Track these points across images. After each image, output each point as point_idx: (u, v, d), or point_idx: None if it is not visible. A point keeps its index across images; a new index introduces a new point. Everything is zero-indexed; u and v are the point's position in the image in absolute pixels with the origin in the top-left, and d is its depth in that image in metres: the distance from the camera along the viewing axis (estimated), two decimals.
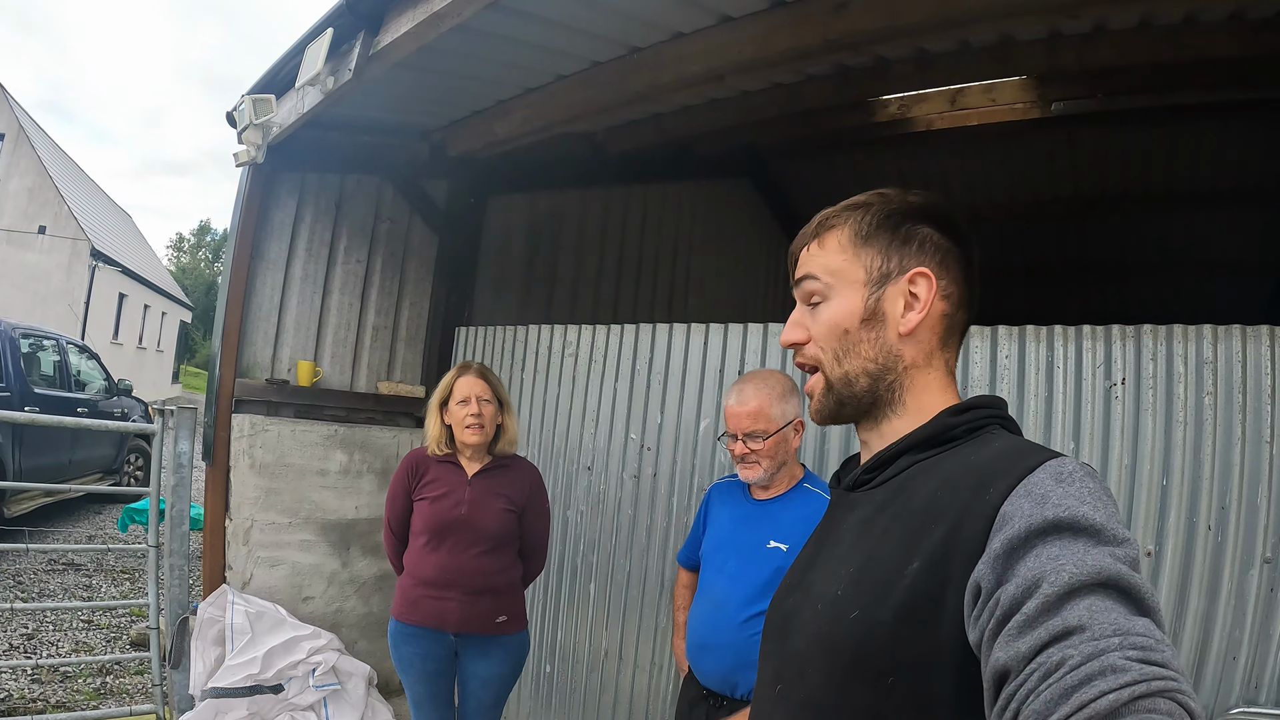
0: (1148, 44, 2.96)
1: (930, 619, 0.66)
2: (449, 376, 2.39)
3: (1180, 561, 1.99)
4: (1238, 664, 1.92)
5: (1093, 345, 2.15)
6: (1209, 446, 2.00)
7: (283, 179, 3.53)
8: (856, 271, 0.83)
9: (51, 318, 14.00)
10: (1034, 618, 0.54)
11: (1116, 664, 0.49)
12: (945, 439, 0.79)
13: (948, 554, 0.67)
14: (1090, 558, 0.57)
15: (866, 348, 0.82)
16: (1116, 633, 0.51)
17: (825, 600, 0.77)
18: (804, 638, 0.78)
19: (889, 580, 0.70)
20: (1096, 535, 0.59)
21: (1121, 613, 0.54)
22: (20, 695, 3.39)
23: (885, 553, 0.73)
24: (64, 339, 7.10)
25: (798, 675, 0.77)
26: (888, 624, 0.68)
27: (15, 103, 17.16)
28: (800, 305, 0.87)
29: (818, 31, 2.39)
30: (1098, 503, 0.62)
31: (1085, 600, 0.54)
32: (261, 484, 3.41)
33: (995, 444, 0.75)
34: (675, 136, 4.16)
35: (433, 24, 2.08)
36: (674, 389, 2.90)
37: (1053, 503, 0.62)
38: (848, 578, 0.75)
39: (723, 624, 1.81)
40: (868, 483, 0.84)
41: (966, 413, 0.81)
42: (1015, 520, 0.62)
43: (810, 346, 0.85)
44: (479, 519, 2.27)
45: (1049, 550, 0.58)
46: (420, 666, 2.29)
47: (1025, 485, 0.65)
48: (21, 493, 5.83)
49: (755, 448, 1.83)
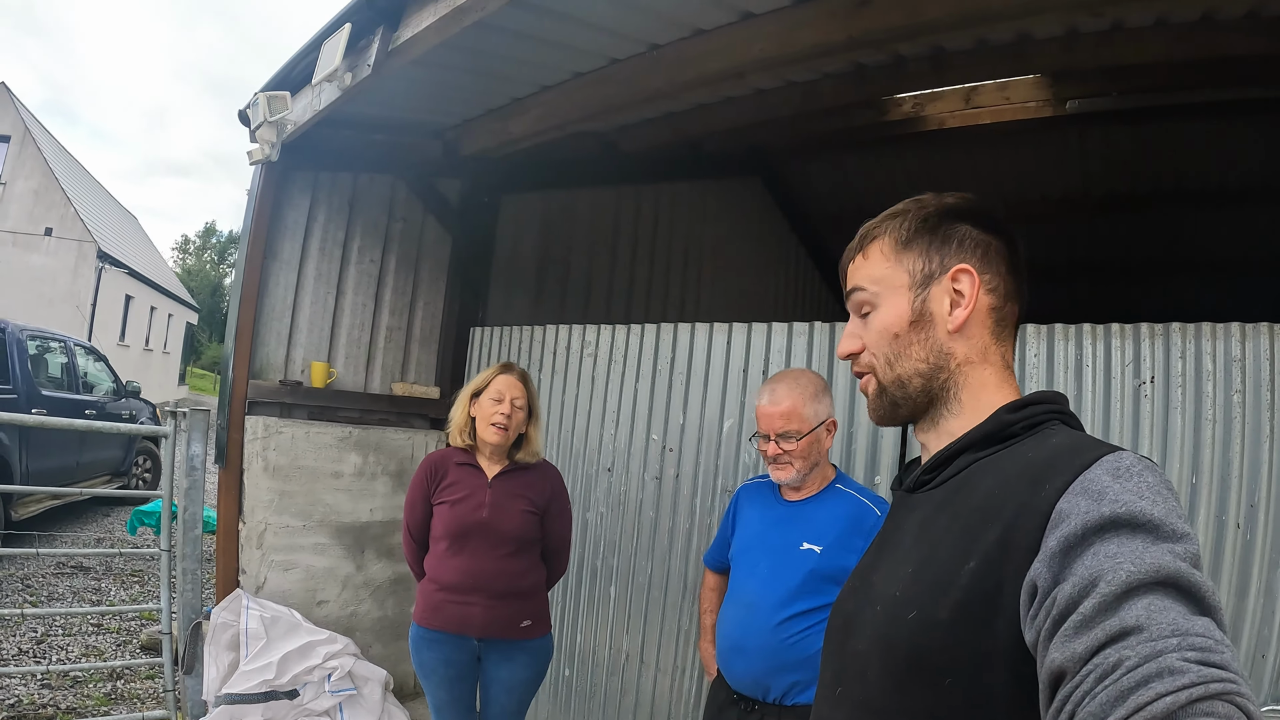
0: (1164, 42, 2.94)
1: (987, 618, 0.66)
2: (490, 371, 2.35)
3: (1210, 560, 1.99)
4: (1267, 661, 1.92)
5: (1121, 344, 2.14)
6: (1238, 444, 2.00)
7: (295, 178, 3.51)
8: (900, 276, 0.84)
9: (58, 320, 14.01)
10: (1091, 617, 0.54)
11: (1175, 665, 0.48)
12: (1004, 436, 0.79)
13: (1004, 552, 0.66)
14: (1149, 555, 0.56)
15: (918, 349, 0.83)
16: (1175, 633, 0.51)
17: (884, 601, 0.77)
18: (864, 639, 0.78)
19: (946, 580, 0.70)
20: (1155, 531, 0.58)
21: (1181, 612, 0.53)
22: (30, 701, 3.37)
23: (943, 552, 0.73)
24: (71, 341, 7.10)
25: (858, 676, 0.77)
26: (944, 624, 0.68)
27: (20, 104, 17.19)
28: (853, 317, 0.90)
29: (841, 28, 2.37)
30: (1157, 497, 0.61)
31: (1143, 599, 0.53)
32: (275, 487, 3.39)
33: (1054, 440, 0.75)
34: (689, 135, 4.14)
35: (455, 18, 2.06)
36: (696, 389, 2.87)
37: (1110, 498, 0.61)
38: (906, 578, 0.75)
39: (756, 627, 1.78)
40: (928, 483, 0.84)
41: (1025, 409, 0.80)
42: (1072, 517, 0.62)
43: (865, 354, 0.87)
44: (500, 521, 2.24)
45: (1106, 548, 0.58)
46: (443, 672, 2.25)
47: (1082, 481, 0.65)
48: (29, 496, 5.81)
49: (788, 448, 1.81)
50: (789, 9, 2.40)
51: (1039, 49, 3.13)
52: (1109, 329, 2.16)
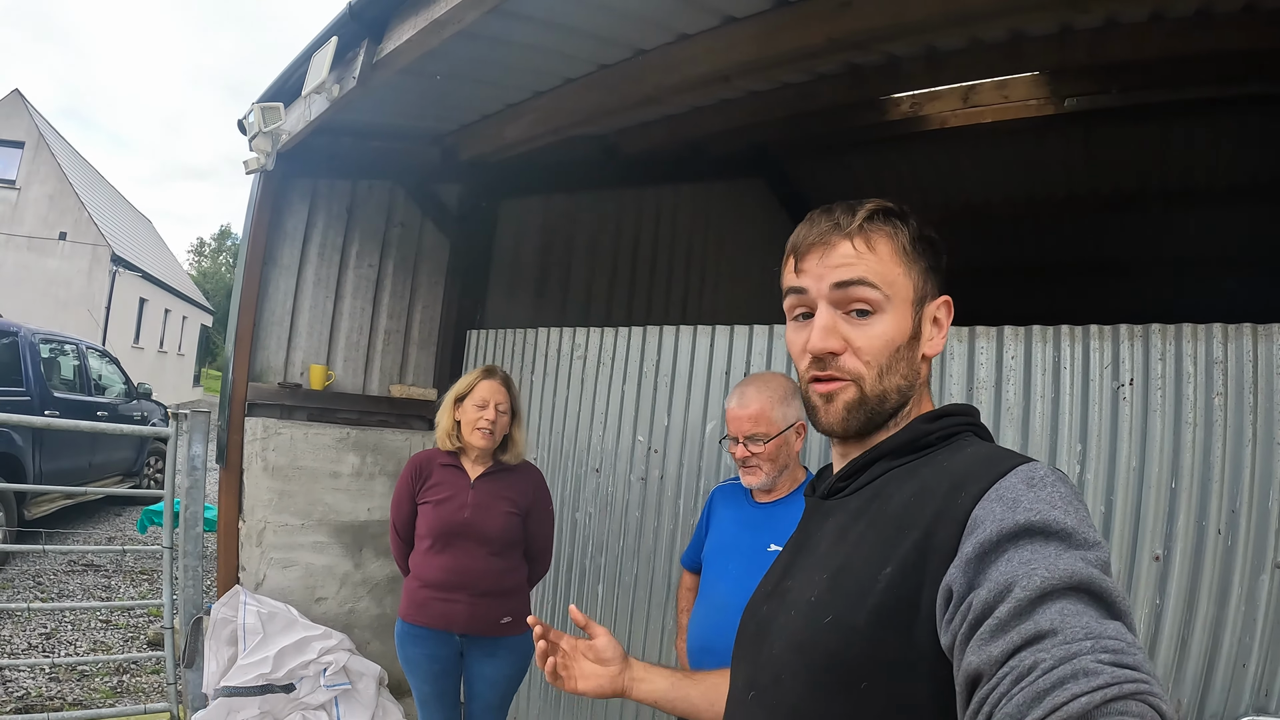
0: (1161, 38, 2.92)
1: (905, 623, 0.66)
2: (473, 376, 2.40)
3: (1189, 566, 1.95)
4: (1248, 671, 1.87)
5: (1100, 345, 2.12)
6: (1219, 448, 1.96)
7: (294, 185, 3.56)
8: (907, 289, 0.82)
9: (73, 323, 14.21)
10: (1006, 621, 0.55)
11: (1089, 667, 0.49)
12: (920, 445, 0.80)
13: (921, 559, 0.67)
14: (1062, 561, 0.57)
15: (904, 366, 0.82)
16: (1088, 636, 0.52)
17: (800, 606, 0.77)
18: (779, 643, 0.78)
19: (864, 586, 0.70)
20: (1068, 539, 0.60)
21: (1093, 616, 0.54)
22: (38, 693, 3.45)
23: (860, 558, 0.73)
24: (84, 344, 7.22)
25: (772, 681, 0.78)
26: (863, 629, 0.68)
27: (35, 110, 17.43)
28: (833, 312, 0.81)
29: (821, 31, 2.38)
30: (1069, 507, 0.63)
31: (1057, 604, 0.55)
32: (274, 486, 3.45)
33: (969, 449, 0.76)
34: (687, 137, 4.16)
35: (434, 30, 2.10)
36: (680, 391, 2.90)
37: (1024, 507, 0.62)
38: (823, 584, 0.76)
39: (725, 627, 1.79)
40: (842, 490, 0.85)
41: (940, 419, 0.82)
42: (986, 524, 0.63)
43: (849, 359, 0.80)
44: (482, 522, 2.29)
45: (1021, 554, 0.59)
46: (426, 667, 2.31)
47: (997, 489, 0.66)
48: (43, 495, 5.93)
49: (756, 451, 1.82)
50: (769, 12, 2.41)
51: (1034, 47, 3.12)
52: (1087, 330, 2.14)
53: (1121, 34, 2.95)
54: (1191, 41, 2.90)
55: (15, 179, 16.43)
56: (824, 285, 0.81)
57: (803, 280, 0.83)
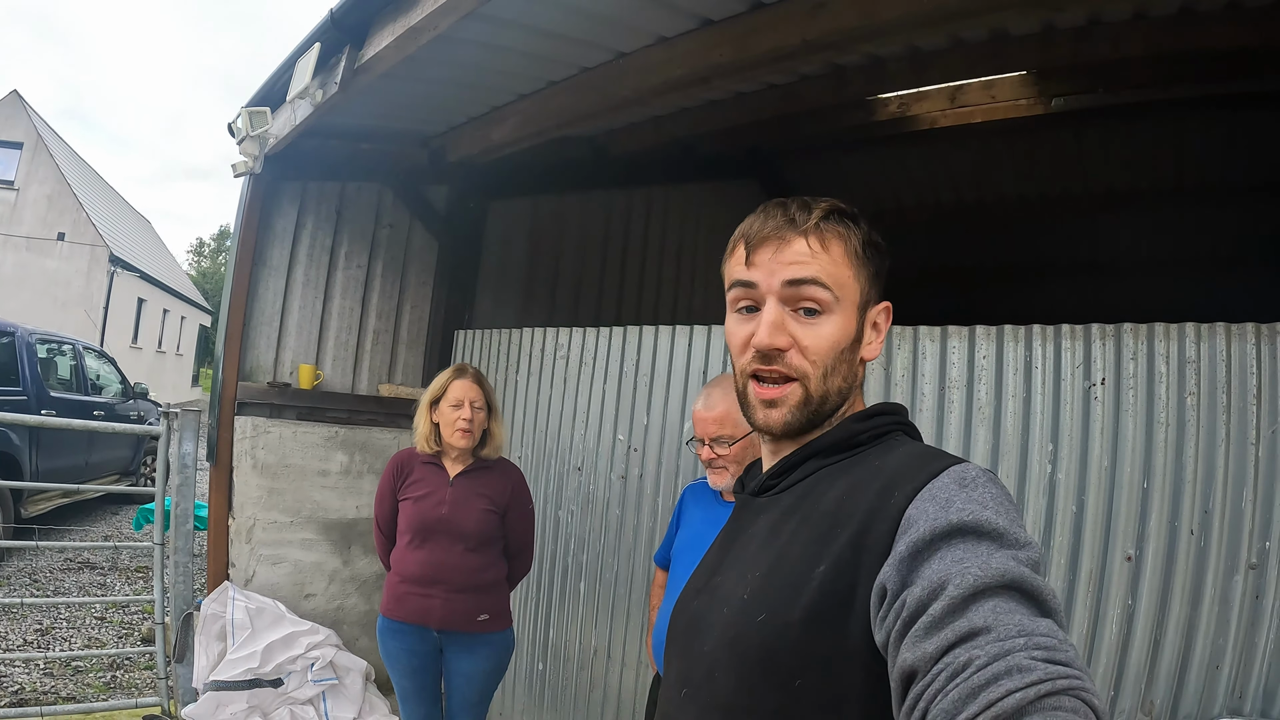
0: (1144, 36, 2.93)
1: (838, 621, 0.67)
2: (445, 377, 2.43)
3: (1162, 567, 1.94)
4: (1221, 673, 1.87)
5: (1072, 345, 2.12)
6: (1191, 448, 1.95)
7: (284, 187, 3.59)
8: (855, 292, 0.82)
9: (71, 324, 14.25)
10: (940, 619, 0.56)
11: (1022, 664, 0.51)
12: (851, 444, 0.81)
13: (855, 557, 0.68)
14: (994, 560, 0.58)
15: (845, 368, 0.82)
16: (1021, 633, 0.53)
17: (732, 603, 0.78)
18: (711, 640, 0.79)
19: (797, 583, 0.71)
20: (999, 539, 0.61)
21: (1025, 614, 0.55)
22: (32, 688, 3.49)
23: (793, 556, 0.74)
24: (80, 344, 7.25)
25: (705, 678, 0.78)
26: (796, 626, 0.69)
27: (33, 111, 17.47)
28: (781, 309, 0.80)
29: (796, 32, 2.39)
30: (1000, 507, 0.64)
31: (990, 602, 0.56)
32: (264, 484, 3.48)
33: (901, 449, 0.78)
34: (675, 138, 4.17)
35: (412, 37, 2.12)
36: (659, 390, 2.92)
37: (956, 507, 0.64)
38: (755, 581, 0.76)
39: None
40: (774, 487, 0.86)
41: (872, 419, 0.83)
42: (919, 523, 0.64)
43: (795, 356, 0.80)
44: (460, 519, 2.32)
45: (953, 553, 0.60)
46: (406, 661, 2.35)
47: (929, 489, 0.67)
48: (40, 493, 5.97)
49: (722, 453, 1.82)
50: (745, 15, 2.43)
51: (1016, 46, 3.12)
52: (1059, 329, 2.14)
53: (1104, 33, 2.95)
54: (1175, 40, 2.91)
55: (14, 179, 16.46)
56: (775, 281, 0.80)
57: (753, 273, 0.82)
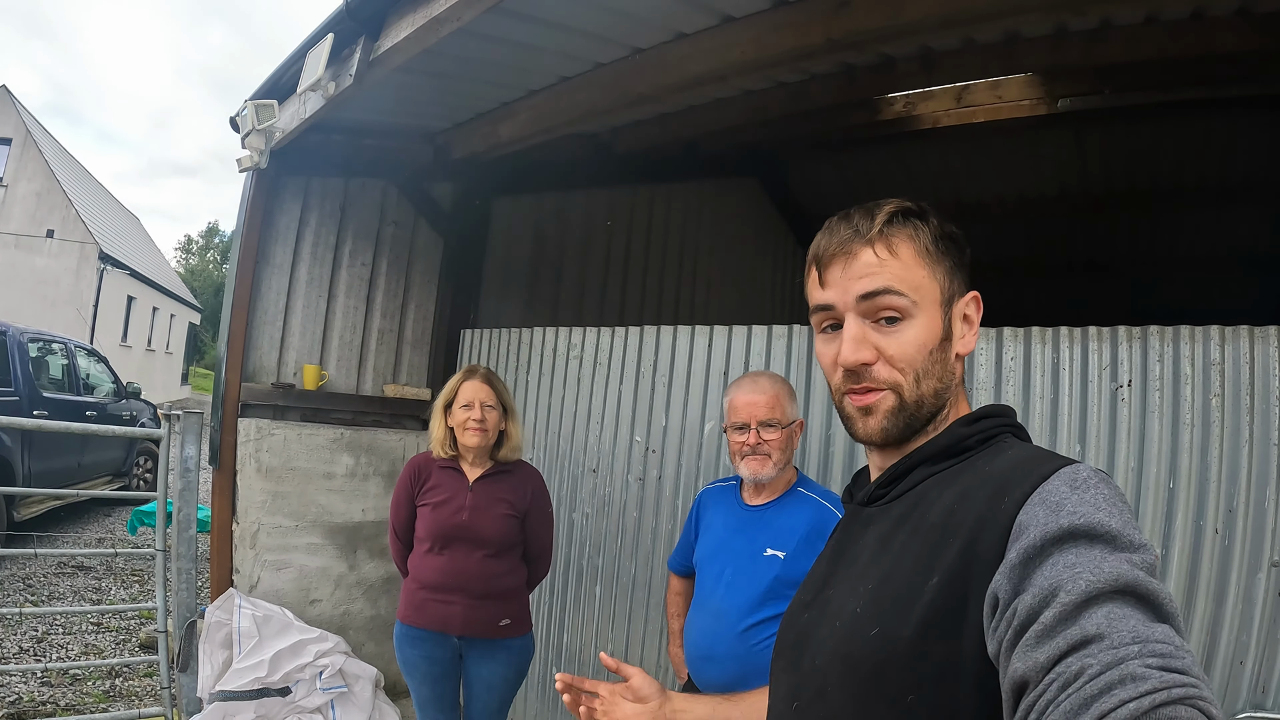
0: (1154, 39, 2.93)
1: (952, 633, 0.65)
2: (455, 379, 2.40)
3: (1187, 565, 1.97)
4: (1245, 668, 1.90)
5: (1099, 347, 2.13)
6: (1216, 449, 1.98)
7: (287, 183, 3.54)
8: (934, 291, 0.80)
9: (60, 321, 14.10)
10: (1052, 627, 0.54)
11: (1136, 672, 0.48)
12: (959, 450, 0.79)
13: (967, 567, 0.66)
14: (1107, 564, 0.56)
15: (939, 368, 0.80)
16: (1136, 640, 0.51)
17: (844, 617, 0.76)
18: (822, 655, 0.77)
19: (909, 596, 0.69)
20: (1113, 542, 0.59)
21: (1140, 619, 0.53)
22: (30, 698, 3.42)
23: (904, 568, 0.72)
24: (72, 343, 7.14)
25: (816, 694, 0.77)
26: (909, 640, 0.67)
27: (22, 107, 17.26)
28: (860, 321, 0.79)
29: (820, 31, 2.37)
30: (1113, 509, 0.62)
31: (1103, 608, 0.54)
32: (268, 487, 3.43)
33: (1009, 453, 0.75)
34: (682, 136, 4.15)
35: (432, 28, 2.08)
36: (678, 391, 2.89)
37: (1068, 510, 0.61)
38: (867, 594, 0.75)
39: (724, 634, 1.79)
40: (882, 497, 0.83)
41: (978, 422, 0.81)
42: (1031, 529, 0.62)
43: (882, 368, 0.79)
44: (480, 525, 2.27)
45: (1065, 558, 0.58)
46: (425, 669, 2.30)
47: (1040, 493, 0.65)
48: (31, 497, 5.87)
49: (770, 437, 1.82)
50: (767, 12, 2.40)
51: (1028, 48, 3.12)
52: (1085, 332, 2.15)
53: (1116, 36, 2.96)
54: (1185, 43, 2.91)
55: (2, 176, 16.28)
56: (849, 297, 0.80)
57: (828, 294, 0.82)
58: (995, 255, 6.81)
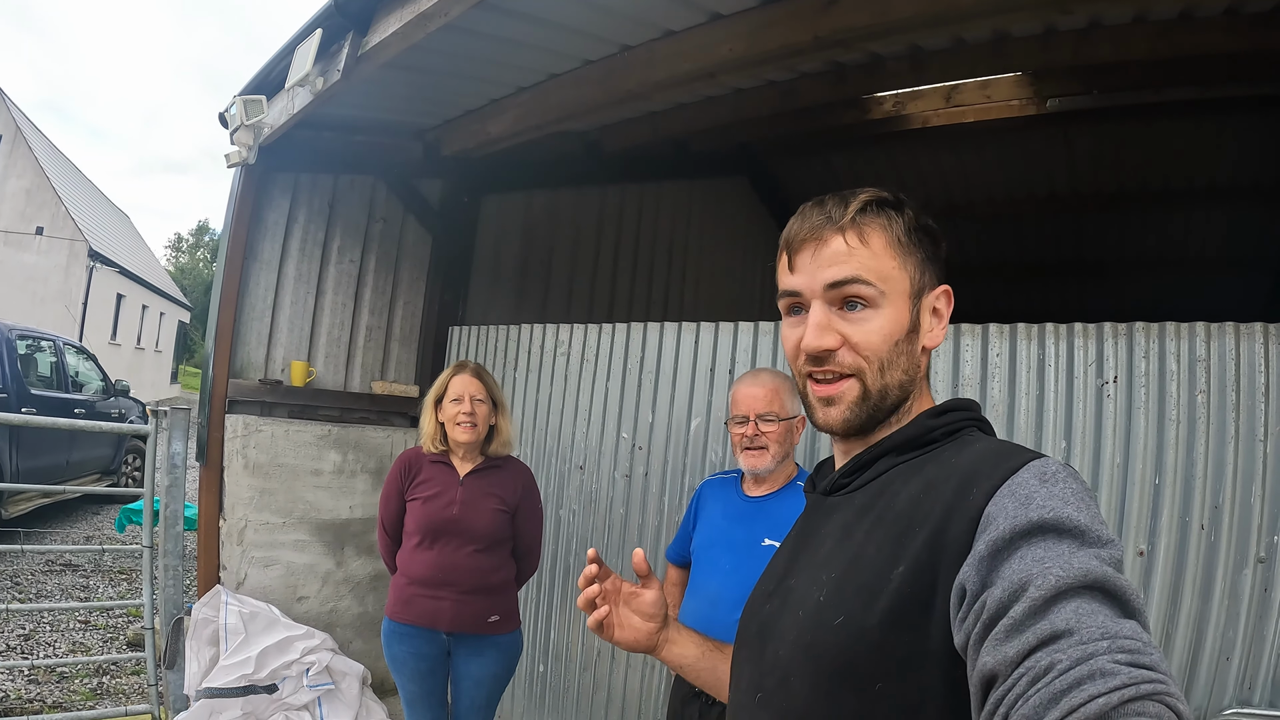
0: (1143, 39, 2.94)
1: (918, 623, 0.65)
2: (445, 375, 2.40)
3: (1173, 561, 1.97)
4: (1231, 664, 1.90)
5: (1085, 343, 2.13)
6: (1202, 445, 1.98)
7: (276, 179, 3.52)
8: (904, 281, 0.80)
9: (49, 319, 14.00)
10: (1021, 621, 0.54)
11: (1105, 668, 0.49)
12: (925, 441, 0.79)
13: (933, 557, 0.66)
14: (1076, 560, 0.56)
15: (905, 360, 0.80)
16: (1104, 636, 0.51)
17: (807, 607, 0.76)
18: (785, 645, 0.77)
19: (874, 585, 0.69)
20: (1081, 537, 0.59)
21: (1108, 615, 0.53)
22: (17, 696, 3.39)
23: (869, 557, 0.72)
24: (61, 340, 7.10)
25: (779, 683, 0.76)
26: (874, 629, 0.67)
27: (12, 103, 17.16)
28: (827, 309, 0.79)
29: (808, 28, 2.38)
30: (1081, 504, 0.62)
31: (1072, 603, 0.54)
32: (255, 484, 3.41)
33: (977, 445, 0.75)
34: (671, 134, 4.15)
35: (420, 24, 2.07)
36: (665, 388, 2.89)
37: (1037, 504, 0.61)
38: (830, 583, 0.74)
39: (718, 622, 1.79)
40: (845, 486, 0.83)
41: (945, 415, 0.81)
42: (999, 521, 0.62)
43: (846, 354, 0.79)
44: (471, 519, 2.27)
45: (1034, 552, 0.58)
46: (413, 665, 2.29)
47: (1009, 486, 0.65)
48: (19, 494, 5.83)
49: (768, 430, 1.84)
50: (756, 10, 2.41)
51: (1017, 47, 3.14)
52: (1071, 328, 2.15)
53: (1104, 35, 2.97)
54: (1173, 43, 2.93)
55: None
56: (817, 284, 0.79)
57: (796, 279, 0.81)
58: (984, 254, 6.84)
